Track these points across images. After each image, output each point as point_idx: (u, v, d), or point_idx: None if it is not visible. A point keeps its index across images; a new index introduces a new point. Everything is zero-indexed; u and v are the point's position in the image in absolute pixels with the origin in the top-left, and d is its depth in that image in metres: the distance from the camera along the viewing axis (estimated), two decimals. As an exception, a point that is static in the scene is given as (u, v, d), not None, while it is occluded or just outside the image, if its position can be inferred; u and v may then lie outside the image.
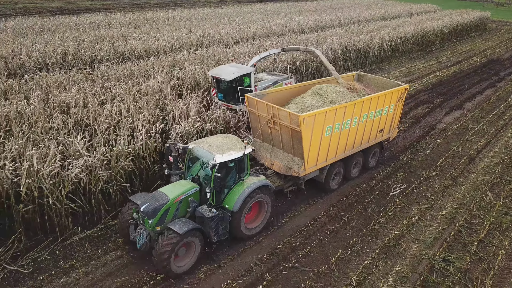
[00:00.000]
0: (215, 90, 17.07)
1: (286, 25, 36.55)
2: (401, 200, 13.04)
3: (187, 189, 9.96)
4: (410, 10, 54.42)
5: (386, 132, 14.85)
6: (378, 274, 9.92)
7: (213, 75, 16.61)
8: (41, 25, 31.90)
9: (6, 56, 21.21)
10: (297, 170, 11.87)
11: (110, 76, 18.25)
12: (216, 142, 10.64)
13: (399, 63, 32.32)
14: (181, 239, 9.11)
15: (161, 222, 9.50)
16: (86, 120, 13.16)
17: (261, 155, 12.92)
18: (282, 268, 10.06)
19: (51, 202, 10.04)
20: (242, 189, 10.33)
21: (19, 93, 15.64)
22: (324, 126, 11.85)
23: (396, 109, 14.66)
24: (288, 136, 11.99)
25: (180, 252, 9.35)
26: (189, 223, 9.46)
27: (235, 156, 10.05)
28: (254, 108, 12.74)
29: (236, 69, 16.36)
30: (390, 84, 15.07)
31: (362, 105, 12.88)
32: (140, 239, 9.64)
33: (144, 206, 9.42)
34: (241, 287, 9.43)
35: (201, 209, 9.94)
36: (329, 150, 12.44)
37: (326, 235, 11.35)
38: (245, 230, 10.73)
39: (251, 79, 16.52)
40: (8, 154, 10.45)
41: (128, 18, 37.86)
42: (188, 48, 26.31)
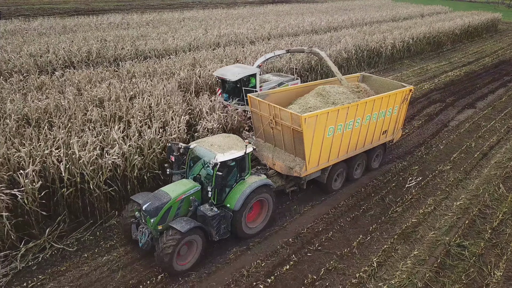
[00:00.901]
0: (220, 91, 17.16)
1: (299, 25, 37.26)
2: (417, 191, 13.66)
3: (188, 188, 10.04)
4: (421, 11, 54.80)
5: (390, 134, 14.80)
6: (397, 257, 10.57)
7: (218, 75, 16.67)
8: (63, 25, 32.98)
9: (35, 54, 22.22)
10: (299, 171, 11.91)
11: (136, 73, 19.10)
12: (217, 141, 10.71)
13: (411, 63, 32.83)
14: (183, 237, 9.19)
15: (163, 221, 9.58)
16: (119, 113, 13.97)
17: (263, 155, 12.96)
18: (307, 250, 10.76)
19: (91, 187, 10.85)
20: (243, 188, 10.38)
21: (52, 88, 16.55)
22: (326, 127, 11.85)
23: (400, 111, 14.60)
24: (289, 137, 12.03)
25: (182, 251, 9.48)
26: (191, 222, 9.51)
27: (236, 155, 10.12)
28: (257, 108, 12.78)
29: (241, 70, 16.42)
30: (395, 86, 15.00)
31: (365, 106, 12.84)
32: (142, 238, 9.76)
33: (146, 205, 9.48)
34: (269, 267, 10.15)
35: (202, 208, 10.01)
36: (331, 151, 12.44)
37: (347, 222, 12.02)
38: (247, 229, 10.83)
39: (256, 80, 16.54)
40: (54, 142, 11.28)
41: (145, 19, 38.86)
42: (206, 48, 27.14)
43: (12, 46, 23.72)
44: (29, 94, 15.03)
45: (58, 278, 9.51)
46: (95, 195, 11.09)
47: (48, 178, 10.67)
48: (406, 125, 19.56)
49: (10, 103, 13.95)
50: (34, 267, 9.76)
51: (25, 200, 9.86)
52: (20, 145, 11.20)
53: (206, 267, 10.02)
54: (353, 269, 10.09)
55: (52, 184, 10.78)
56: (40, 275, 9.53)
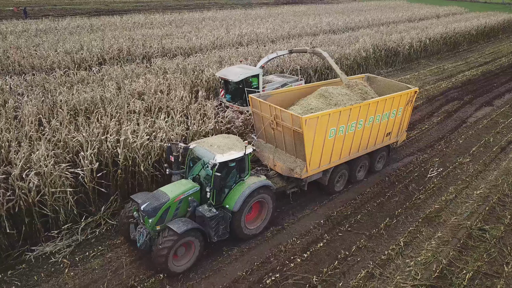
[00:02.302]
0: (223, 92, 17.26)
1: (317, 25, 38.16)
2: (438, 181, 14.45)
3: (187, 188, 9.98)
4: (436, 12, 55.24)
5: (394, 136, 14.66)
6: (422, 238, 11.40)
7: (220, 76, 16.69)
8: (90, 24, 34.36)
9: (70, 51, 23.51)
10: (299, 172, 11.83)
11: (167, 70, 20.18)
12: (217, 142, 10.63)
13: (428, 63, 33.45)
14: (179, 238, 9.12)
15: (161, 221, 9.54)
16: (159, 104, 15.04)
17: (264, 156, 12.91)
18: (338, 230, 11.66)
19: (142, 169, 11.90)
20: (243, 189, 10.32)
21: (93, 82, 17.72)
22: (328, 128, 11.73)
23: (405, 113, 14.44)
24: (290, 138, 11.93)
25: (179, 252, 9.41)
26: (188, 223, 9.44)
27: (236, 156, 10.06)
28: (258, 109, 12.74)
29: (244, 70, 16.42)
30: (400, 87, 14.80)
31: (368, 107, 12.70)
32: (140, 238, 9.70)
33: (144, 205, 9.44)
34: (304, 244, 11.07)
35: (201, 208, 9.96)
36: (332, 152, 12.31)
37: (373, 206, 12.88)
38: (246, 230, 10.79)
39: (259, 81, 16.58)
40: (106, 129, 12.38)
41: (167, 19, 40.12)
42: (230, 46, 28.17)
43: (48, 44, 25.07)
44: (74, 87, 16.19)
45: (115, 249, 10.56)
46: (144, 177, 12.12)
47: (102, 161, 11.74)
48: (425, 121, 20.33)
49: (59, 95, 15.13)
50: (92, 240, 10.84)
51: (85, 179, 10.93)
52: (76, 132, 12.30)
53: (247, 243, 10.99)
54: (381, 248, 10.96)
55: (106, 167, 11.84)
56: (99, 246, 10.61)
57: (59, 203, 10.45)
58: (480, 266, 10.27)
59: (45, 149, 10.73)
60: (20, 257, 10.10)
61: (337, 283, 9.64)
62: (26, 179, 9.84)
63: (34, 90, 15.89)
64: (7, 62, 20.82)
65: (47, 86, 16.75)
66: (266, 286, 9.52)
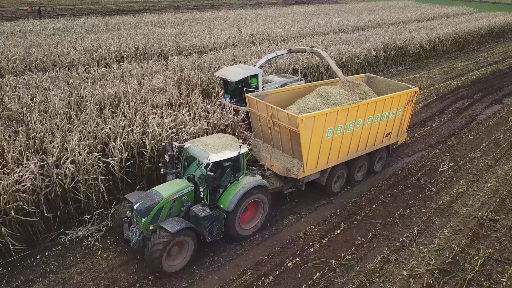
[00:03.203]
0: (222, 91, 17.15)
1: (327, 25, 38.63)
2: (450, 174, 14.90)
3: (181, 188, 9.94)
4: (445, 12, 55.44)
5: (393, 136, 14.57)
6: (435, 227, 11.88)
7: (219, 75, 16.54)
8: (105, 24, 35.15)
9: (89, 49, 24.24)
10: (296, 172, 11.77)
11: (184, 67, 20.80)
12: (212, 141, 10.58)
13: (438, 62, 33.79)
14: (173, 238, 9.10)
15: (154, 220, 9.51)
16: (180, 100, 15.65)
17: (262, 155, 12.84)
18: (353, 219, 12.19)
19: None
20: (237, 189, 10.27)
21: (114, 79, 18.38)
22: (325, 128, 11.65)
23: (405, 113, 14.34)
24: (287, 137, 11.88)
25: (172, 251, 9.39)
26: (181, 222, 9.41)
27: (230, 156, 10.02)
28: (255, 108, 12.68)
29: (243, 70, 16.32)
30: (400, 87, 14.76)
31: (367, 107, 12.59)
32: (133, 238, 9.67)
33: (137, 205, 9.41)
34: (322, 231, 11.61)
35: (195, 208, 9.91)
36: (330, 152, 12.25)
37: (387, 198, 13.38)
38: (240, 230, 10.73)
39: (258, 81, 16.50)
40: (133, 122, 13.00)
41: (179, 18, 40.82)
42: (243, 45, 28.76)
43: (67, 42, 25.84)
44: (97, 83, 16.86)
45: (143, 234, 11.16)
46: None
47: (129, 152, 12.35)
48: (436, 118, 20.75)
49: (84, 90, 15.80)
50: (122, 225, 11.45)
51: (115, 168, 11.55)
52: (104, 124, 12.94)
53: (267, 230, 11.56)
54: (396, 235, 11.46)
55: (132, 157, 12.45)
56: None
57: (91, 190, 11.08)
58: (492, 253, 10.73)
59: (77, 139, 11.36)
60: (55, 239, 10.77)
61: (354, 267, 10.17)
62: (63, 166, 10.48)
63: (59, 86, 16.57)
64: (30, 59, 21.57)
65: (71, 82, 17.43)
66: (288, 268, 10.08)
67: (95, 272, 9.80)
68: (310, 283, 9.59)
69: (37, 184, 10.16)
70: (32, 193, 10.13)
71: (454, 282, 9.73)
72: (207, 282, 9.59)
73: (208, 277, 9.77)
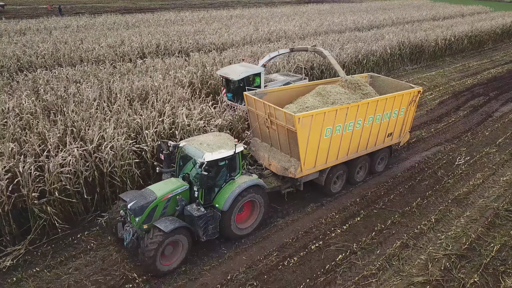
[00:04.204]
0: (225, 90, 17.10)
1: (343, 23, 39.02)
2: (466, 168, 15.31)
3: (176, 187, 9.86)
4: (461, 11, 55.30)
5: (396, 136, 14.31)
6: (452, 216, 12.33)
7: (221, 74, 16.50)
8: (125, 21, 36.08)
9: (112, 46, 25.10)
10: (293, 172, 11.60)
11: (205, 63, 21.48)
12: (207, 140, 10.48)
13: (453, 60, 33.95)
14: (166, 237, 9.05)
15: (148, 220, 9.43)
16: (204, 93, 16.35)
17: (260, 154, 12.73)
18: (372, 208, 12.71)
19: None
20: (233, 188, 10.17)
21: (139, 73, 19.15)
22: (323, 127, 11.47)
23: (407, 113, 14.11)
24: (285, 136, 11.71)
25: (167, 251, 9.34)
26: (175, 222, 9.34)
27: (225, 155, 9.94)
28: (253, 106, 12.55)
29: (245, 69, 16.29)
30: (404, 87, 14.54)
31: (367, 106, 12.38)
32: (127, 237, 9.62)
33: (131, 204, 9.34)
34: (342, 218, 12.16)
35: (189, 207, 9.81)
36: (329, 152, 12.06)
37: (405, 188, 13.86)
38: (236, 230, 10.62)
39: (261, 79, 16.45)
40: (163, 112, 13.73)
41: (196, 16, 41.61)
42: (260, 42, 29.36)
43: (91, 38, 26.76)
44: (125, 77, 17.64)
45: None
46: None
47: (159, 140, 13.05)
48: (452, 115, 21.08)
49: (113, 83, 16.58)
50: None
51: (147, 155, 12.26)
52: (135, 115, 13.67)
53: (291, 215, 12.17)
54: (414, 223, 11.95)
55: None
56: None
57: (126, 175, 11.79)
58: (507, 241, 11.16)
59: (113, 127, 12.10)
60: (93, 221, 11.52)
61: (375, 251, 10.71)
62: (103, 151, 11.22)
63: (89, 79, 17.39)
64: (58, 55, 22.49)
65: (98, 76, 18.24)
66: (311, 251, 10.66)
67: (131, 250, 10.49)
68: (333, 263, 10.17)
69: (78, 168, 10.91)
70: (73, 175, 10.88)
71: (471, 266, 10.20)
72: (235, 261, 10.23)
73: (237, 257, 10.41)
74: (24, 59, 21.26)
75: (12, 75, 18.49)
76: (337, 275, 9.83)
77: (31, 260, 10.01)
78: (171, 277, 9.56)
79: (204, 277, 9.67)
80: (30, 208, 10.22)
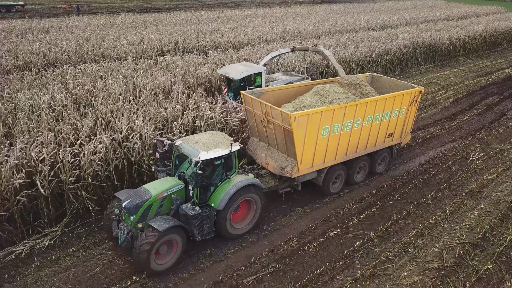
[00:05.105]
0: (226, 89, 17.18)
1: (357, 23, 39.35)
2: (480, 163, 15.63)
3: (171, 186, 9.85)
4: (475, 11, 55.11)
5: (396, 137, 14.22)
6: (466, 208, 12.71)
7: (222, 73, 16.58)
8: (143, 20, 36.94)
9: (133, 43, 25.88)
10: (290, 171, 11.59)
11: (224, 61, 22.10)
12: (203, 139, 10.46)
13: (467, 60, 34.06)
14: (161, 236, 9.03)
15: (143, 218, 9.41)
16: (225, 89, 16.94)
17: (257, 154, 12.72)
18: (388, 199, 13.15)
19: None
20: (228, 187, 10.14)
21: (160, 69, 19.84)
22: (320, 127, 11.41)
23: (409, 113, 14.01)
24: (281, 136, 11.66)
25: (161, 250, 9.31)
26: (170, 221, 9.33)
27: (221, 154, 9.92)
28: (250, 106, 12.53)
29: (245, 68, 16.33)
30: (405, 86, 14.45)
31: (366, 106, 12.30)
32: (121, 236, 9.64)
33: (126, 202, 9.35)
34: (359, 209, 12.63)
35: (184, 206, 9.79)
36: (327, 152, 12.01)
37: (420, 182, 14.26)
38: (232, 230, 10.60)
39: (262, 79, 16.50)
40: (188, 106, 14.37)
41: (212, 15, 42.33)
42: (276, 41, 29.91)
43: (111, 36, 27.60)
44: (148, 72, 18.33)
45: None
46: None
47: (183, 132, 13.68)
48: (466, 113, 21.35)
49: (137, 79, 17.28)
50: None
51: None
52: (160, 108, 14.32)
53: (309, 205, 12.68)
54: (429, 214, 12.37)
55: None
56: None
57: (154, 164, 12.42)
58: (520, 232, 11.53)
59: (142, 118, 12.76)
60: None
61: (391, 239, 11.17)
62: (132, 141, 11.88)
63: (113, 75, 18.12)
64: (82, 52, 23.32)
65: (122, 71, 18.96)
66: (330, 238, 11.17)
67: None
68: (351, 249, 10.66)
69: (108, 156, 11.57)
70: (104, 163, 11.55)
71: (484, 255, 10.60)
72: (258, 246, 10.79)
73: (259, 242, 10.96)
74: (50, 56, 22.12)
75: (40, 71, 19.32)
76: (355, 260, 10.32)
77: (67, 241, 10.70)
78: (197, 259, 10.16)
79: (229, 260, 10.25)
80: (66, 193, 10.92)
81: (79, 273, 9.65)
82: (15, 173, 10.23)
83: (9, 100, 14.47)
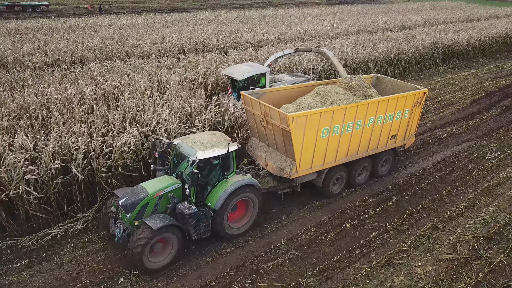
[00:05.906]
0: (230, 89, 17.29)
1: (374, 24, 39.50)
2: (496, 162, 15.81)
3: (168, 184, 9.90)
4: (495, 13, 54.49)
5: (400, 139, 14.05)
6: (481, 204, 12.97)
7: (226, 74, 16.74)
8: (164, 20, 37.88)
9: (155, 42, 26.71)
10: (288, 172, 11.52)
11: (243, 60, 22.68)
12: (201, 138, 10.53)
13: (486, 61, 33.88)
14: (155, 235, 9.05)
15: (139, 216, 9.47)
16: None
17: (257, 154, 12.74)
18: (404, 194, 13.50)
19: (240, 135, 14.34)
20: (225, 187, 10.18)
21: (182, 67, 20.54)
22: (320, 128, 11.34)
23: (412, 115, 13.82)
24: (280, 136, 11.62)
25: (156, 248, 9.34)
26: (165, 219, 9.36)
27: (218, 153, 9.95)
28: (249, 106, 12.54)
29: (249, 69, 16.41)
30: (409, 88, 14.24)
31: (368, 107, 12.15)
32: (118, 233, 9.70)
33: (122, 200, 9.44)
34: (375, 203, 13.02)
35: (181, 205, 9.85)
36: (326, 153, 11.92)
37: (435, 178, 14.55)
38: (229, 229, 10.60)
39: (266, 79, 16.57)
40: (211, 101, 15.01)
41: (231, 16, 43.05)
42: (294, 41, 30.37)
43: (135, 35, 28.51)
44: (171, 69, 19.05)
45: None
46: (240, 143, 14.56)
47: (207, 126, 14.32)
48: (483, 113, 21.43)
49: (160, 76, 18.01)
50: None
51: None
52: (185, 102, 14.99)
53: (327, 198, 13.12)
54: (444, 209, 12.68)
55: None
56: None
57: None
58: (535, 228, 11.76)
59: (168, 112, 13.43)
60: (148, 195, 12.84)
61: (406, 231, 11.54)
62: (158, 133, 12.55)
63: (138, 71, 18.89)
64: (107, 50, 24.24)
65: (146, 69, 19.74)
66: (346, 229, 11.61)
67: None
68: (367, 240, 11.08)
69: (137, 147, 12.26)
70: (133, 154, 12.24)
71: (498, 248, 10.88)
72: (277, 234, 11.30)
73: (278, 231, 11.48)
74: (77, 53, 23.09)
75: (69, 67, 20.26)
76: (370, 249, 10.74)
77: (98, 225, 11.41)
78: (220, 244, 10.73)
79: (250, 246, 10.79)
80: (97, 180, 11.63)
81: (110, 254, 10.33)
82: (51, 160, 10.98)
83: (43, 94, 15.32)
